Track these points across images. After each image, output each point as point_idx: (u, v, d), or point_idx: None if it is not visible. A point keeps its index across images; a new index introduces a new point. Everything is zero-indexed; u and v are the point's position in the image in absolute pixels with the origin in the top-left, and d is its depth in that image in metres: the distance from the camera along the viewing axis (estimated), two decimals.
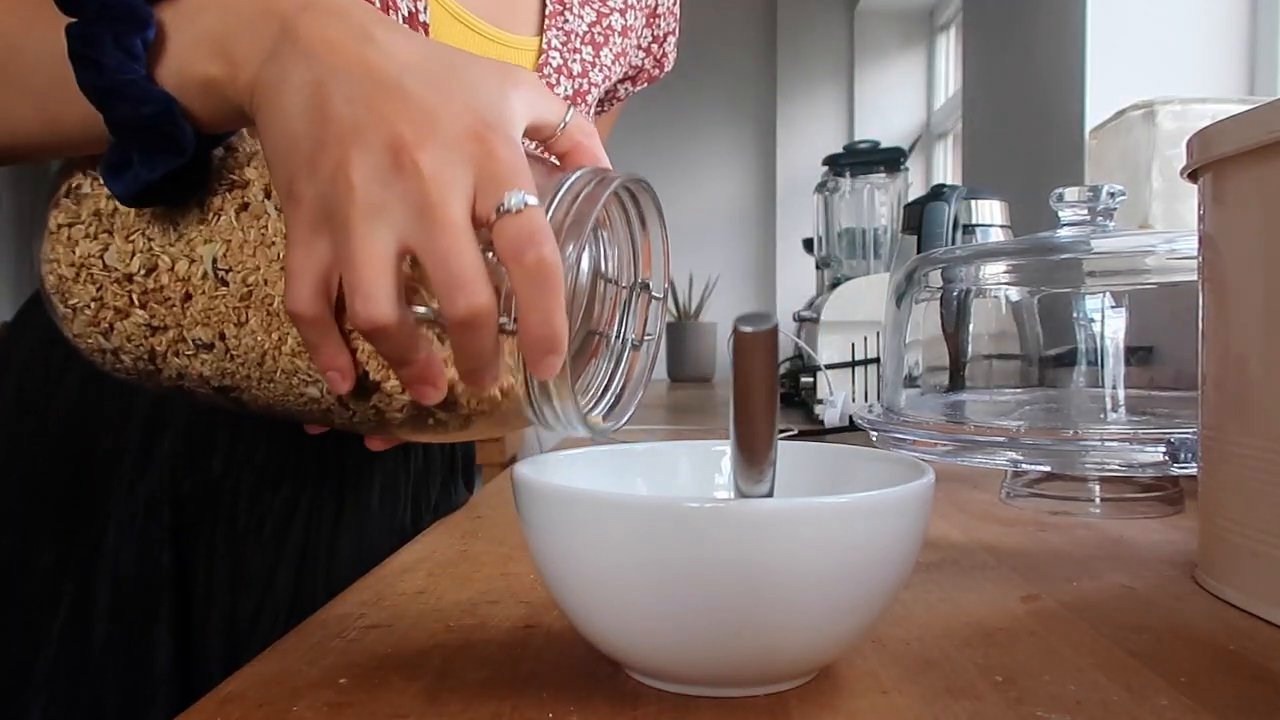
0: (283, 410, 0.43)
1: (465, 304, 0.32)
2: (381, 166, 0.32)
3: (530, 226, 0.31)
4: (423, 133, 0.32)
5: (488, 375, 0.34)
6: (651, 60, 0.76)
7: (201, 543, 0.56)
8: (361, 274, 0.32)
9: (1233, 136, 0.40)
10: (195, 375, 0.41)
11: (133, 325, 0.40)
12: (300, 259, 0.33)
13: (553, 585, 0.33)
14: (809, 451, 0.41)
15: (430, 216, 0.32)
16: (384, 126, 0.32)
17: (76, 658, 0.53)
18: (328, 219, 0.33)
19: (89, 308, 0.41)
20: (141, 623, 0.54)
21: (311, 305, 0.34)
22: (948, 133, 2.92)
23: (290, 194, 0.34)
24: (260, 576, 0.57)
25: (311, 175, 0.33)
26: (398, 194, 0.32)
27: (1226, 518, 0.42)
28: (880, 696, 0.32)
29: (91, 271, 0.40)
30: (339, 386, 0.36)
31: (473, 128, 0.33)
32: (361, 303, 0.32)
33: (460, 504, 0.71)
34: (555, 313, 0.32)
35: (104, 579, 0.54)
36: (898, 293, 0.78)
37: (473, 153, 0.32)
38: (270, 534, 0.58)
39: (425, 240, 0.32)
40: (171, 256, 0.39)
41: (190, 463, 0.56)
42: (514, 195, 0.32)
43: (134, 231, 0.40)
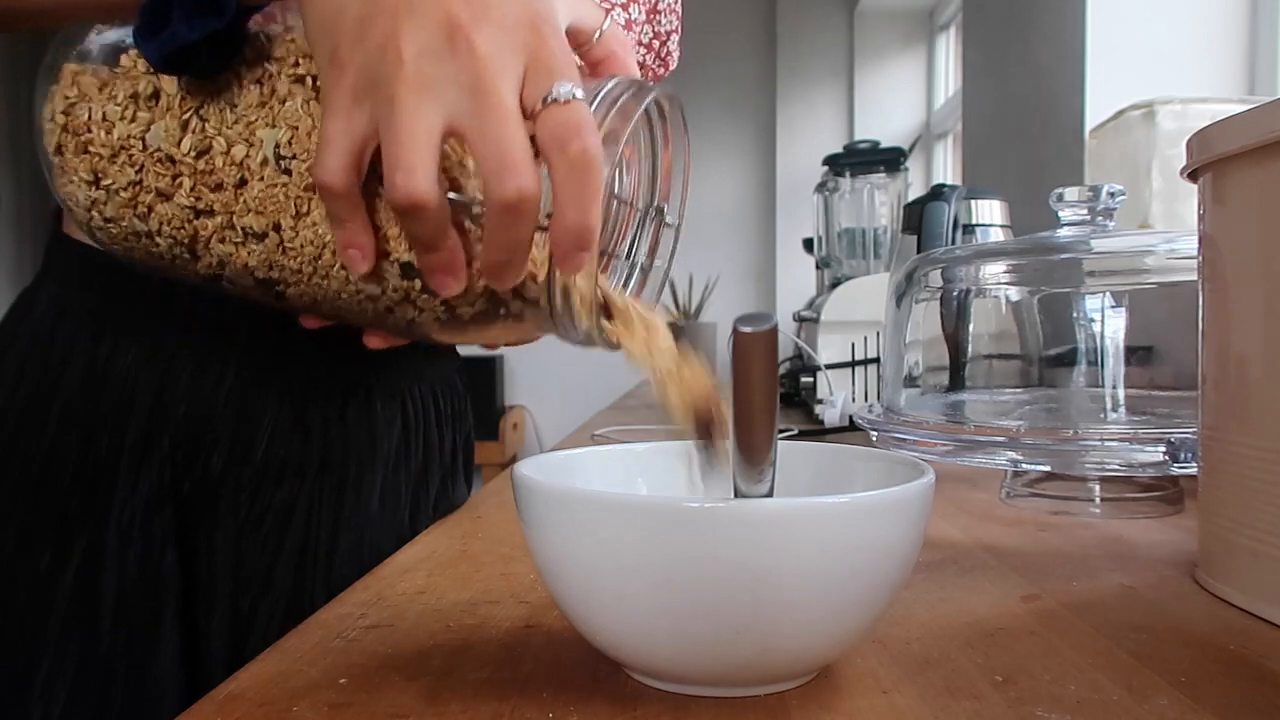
0: (329, 308, 0.41)
1: (515, 187, 0.31)
2: (434, 42, 0.31)
3: (576, 117, 0.31)
4: (478, 15, 0.31)
5: (515, 268, 0.33)
6: (654, 58, 0.76)
7: (203, 541, 0.56)
8: (405, 148, 0.31)
9: (1233, 136, 0.40)
10: (239, 265, 0.40)
11: (175, 208, 0.39)
12: (337, 127, 0.32)
13: (553, 585, 0.33)
14: (809, 451, 0.41)
15: (482, 98, 0.31)
16: (440, 4, 0.31)
17: (80, 660, 0.53)
18: (372, 90, 0.32)
19: (125, 190, 0.39)
20: (146, 623, 0.54)
21: (342, 176, 0.33)
22: (948, 133, 2.92)
23: (333, 60, 0.33)
24: (260, 575, 0.57)
25: (358, 43, 0.32)
26: (449, 72, 0.31)
27: (1226, 518, 0.42)
28: (880, 696, 0.32)
29: (131, 152, 0.39)
30: (358, 266, 0.35)
31: (527, 16, 0.32)
32: (403, 177, 0.31)
33: (460, 503, 0.71)
34: (593, 206, 0.31)
35: (108, 579, 0.54)
36: (898, 293, 0.78)
37: (526, 40, 0.32)
38: (270, 532, 0.58)
39: (476, 121, 0.31)
40: (228, 139, 0.38)
41: (190, 460, 0.55)
42: (563, 85, 0.31)
43: (187, 111, 0.38)
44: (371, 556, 0.53)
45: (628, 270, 0.41)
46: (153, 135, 0.39)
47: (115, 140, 0.39)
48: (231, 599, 0.56)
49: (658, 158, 0.40)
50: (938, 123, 3.02)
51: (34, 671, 0.52)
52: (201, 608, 0.56)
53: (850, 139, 2.99)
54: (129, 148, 0.39)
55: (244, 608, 0.57)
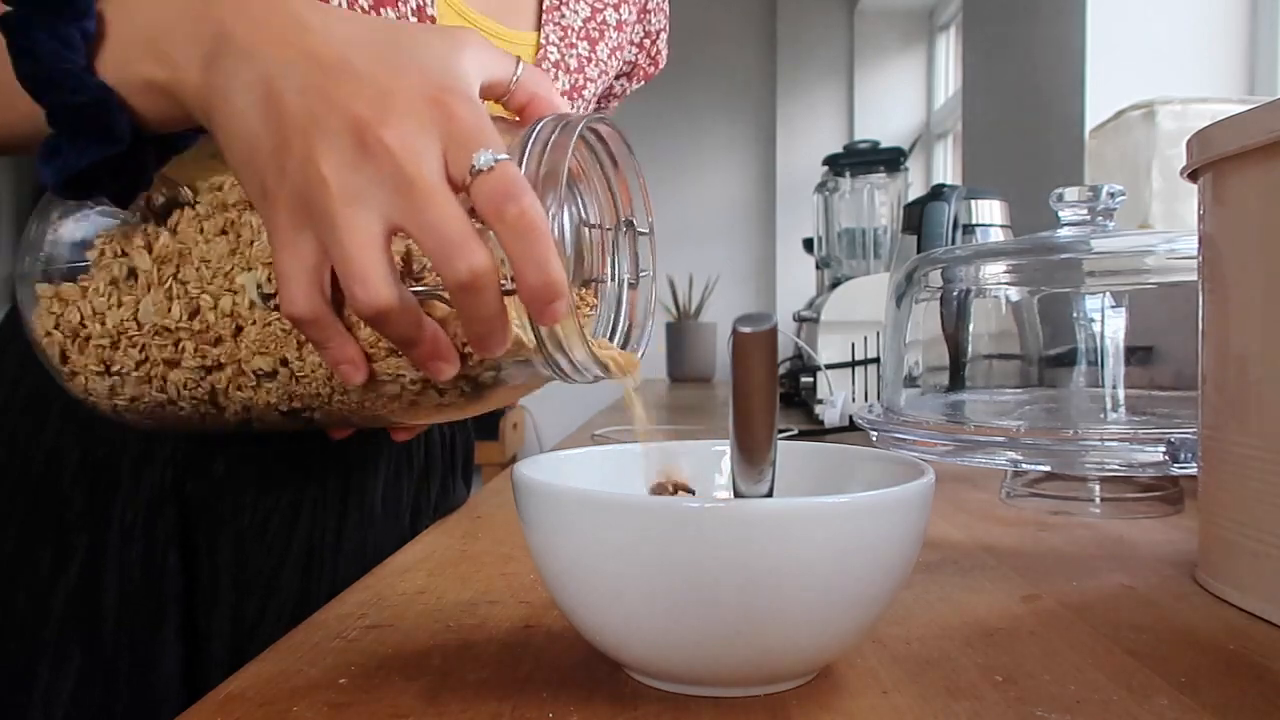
0: (360, 418, 0.42)
1: (465, 267, 0.31)
2: (348, 152, 0.32)
3: (505, 182, 0.31)
4: (381, 109, 0.32)
5: (497, 338, 0.34)
6: (646, 57, 0.76)
7: (206, 544, 0.56)
8: (354, 260, 0.32)
9: (1233, 136, 0.40)
10: (262, 405, 0.41)
11: (186, 372, 0.40)
12: (289, 259, 0.33)
13: (553, 585, 0.33)
14: (809, 451, 0.41)
15: (408, 189, 0.31)
16: (341, 111, 0.32)
17: (82, 662, 0.53)
18: (307, 214, 0.32)
19: (137, 370, 0.41)
20: (148, 625, 0.54)
21: (310, 305, 0.34)
22: (948, 133, 2.92)
23: (264, 196, 0.33)
24: (264, 577, 0.57)
25: (280, 173, 0.33)
26: (371, 176, 0.32)
27: (1226, 518, 0.42)
28: (880, 696, 0.32)
29: (129, 334, 0.40)
30: (353, 378, 0.36)
31: (429, 93, 0.33)
32: (361, 289, 0.32)
33: (460, 503, 0.71)
34: (549, 260, 0.32)
35: (110, 580, 0.54)
36: (898, 293, 0.78)
37: (434, 118, 0.32)
38: (274, 534, 0.58)
39: (411, 214, 0.32)
40: (212, 294, 0.39)
41: (192, 463, 0.55)
42: (483, 154, 0.32)
43: (165, 281, 0.40)
44: (375, 558, 0.53)
45: (618, 290, 0.42)
46: (143, 313, 0.40)
47: (112, 329, 0.41)
48: (234, 601, 0.56)
49: (611, 178, 0.40)
50: (938, 123, 3.02)
51: (35, 672, 0.52)
52: (203, 610, 0.56)
53: (850, 139, 2.99)
54: (125, 331, 0.40)
55: (248, 610, 0.57)
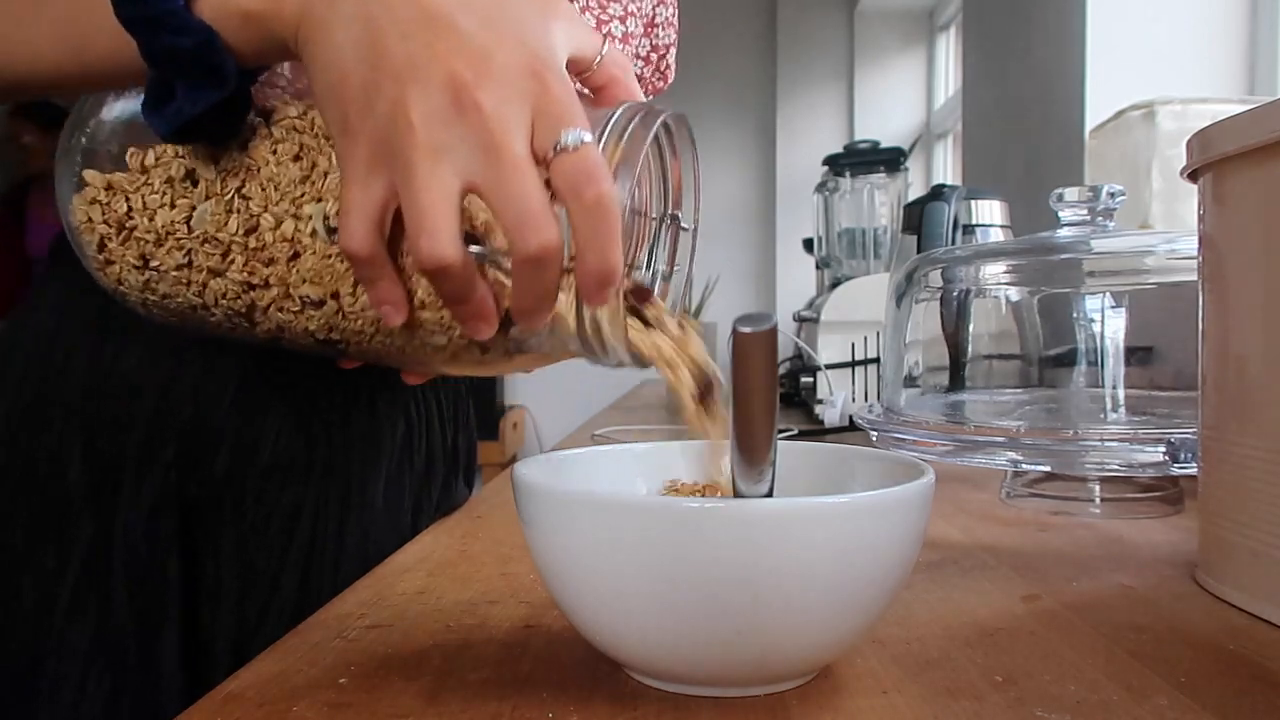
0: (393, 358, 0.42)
1: (537, 241, 0.32)
2: (442, 106, 0.32)
3: (589, 163, 0.32)
4: (480, 71, 0.32)
5: (544, 312, 0.34)
6: (654, 71, 0.76)
7: (208, 545, 0.56)
8: (426, 213, 0.32)
9: (1233, 136, 0.40)
10: (299, 329, 0.41)
11: (229, 283, 0.40)
12: (357, 195, 0.33)
13: (553, 585, 0.33)
14: (809, 451, 0.41)
15: (496, 155, 0.32)
16: (441, 65, 0.32)
17: (85, 662, 0.53)
18: (387, 157, 0.32)
19: (176, 270, 0.40)
20: (149, 626, 0.54)
21: (368, 243, 0.34)
22: (948, 133, 2.92)
23: (345, 129, 0.33)
24: (266, 577, 0.57)
25: (367, 112, 0.32)
26: (459, 134, 0.32)
27: (1226, 518, 0.42)
28: (880, 696, 0.32)
29: (177, 236, 0.39)
30: (392, 320, 0.36)
31: (528, 64, 0.33)
32: (427, 242, 0.32)
33: (460, 502, 0.71)
34: (613, 248, 0.32)
35: (115, 580, 0.54)
36: (898, 293, 0.78)
37: (530, 89, 0.32)
38: (276, 534, 0.58)
39: (492, 179, 0.32)
40: (275, 216, 0.38)
41: (195, 464, 0.55)
42: (571, 133, 0.32)
43: (229, 193, 0.39)
44: (377, 558, 0.53)
45: (650, 279, 0.42)
46: (197, 219, 0.39)
47: (159, 226, 0.40)
48: (237, 602, 0.56)
49: (667, 169, 0.41)
50: (938, 123, 3.02)
51: (43, 662, 0.52)
52: (206, 610, 0.56)
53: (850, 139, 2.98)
54: (174, 232, 0.40)
55: (251, 611, 0.57)
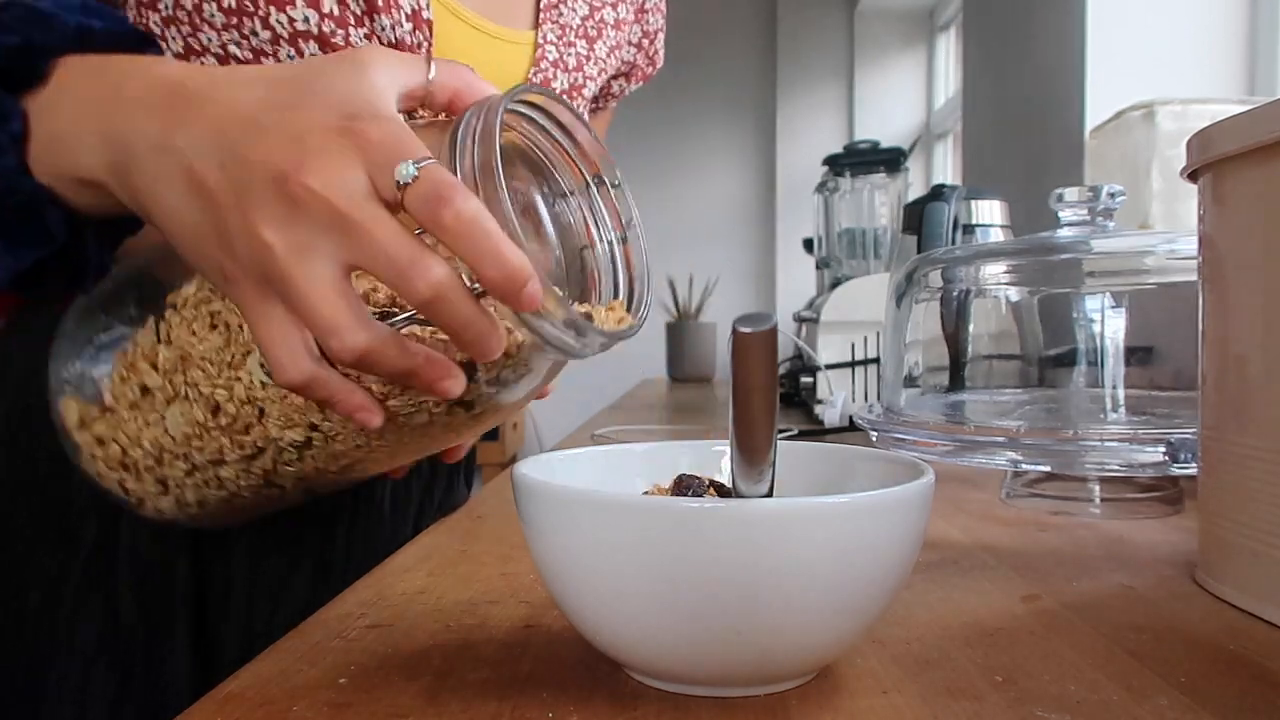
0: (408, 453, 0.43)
1: (423, 284, 0.31)
2: (280, 208, 0.32)
3: (431, 187, 0.31)
4: (296, 157, 0.32)
5: (489, 340, 0.34)
6: (644, 57, 0.76)
7: (218, 547, 0.56)
8: (320, 314, 0.32)
9: (1233, 136, 0.40)
10: (312, 472, 0.42)
11: (233, 468, 0.41)
12: (267, 330, 0.33)
13: (553, 585, 0.33)
14: (809, 451, 0.41)
15: (346, 226, 0.31)
16: (260, 170, 0.32)
17: (89, 664, 0.52)
18: (266, 281, 0.32)
19: (189, 477, 0.42)
20: (158, 633, 0.54)
21: (300, 370, 0.33)
22: (948, 133, 2.92)
23: (225, 279, 0.34)
24: (275, 583, 0.57)
25: (231, 253, 0.33)
26: (309, 225, 0.32)
27: (1226, 518, 0.42)
28: (880, 696, 0.32)
29: (168, 449, 0.41)
30: (372, 422, 0.36)
31: (338, 125, 0.32)
32: (335, 340, 0.32)
33: (460, 502, 0.72)
34: (502, 250, 0.31)
35: (120, 584, 0.53)
36: (898, 293, 0.78)
37: (349, 147, 0.32)
38: (286, 540, 0.58)
39: (356, 249, 0.32)
40: (224, 388, 0.39)
41: None
42: (402, 166, 0.31)
43: (179, 390, 0.40)
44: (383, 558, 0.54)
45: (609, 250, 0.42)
46: (172, 425, 0.41)
47: (150, 448, 0.41)
48: (246, 607, 0.56)
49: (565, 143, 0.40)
50: (938, 123, 3.02)
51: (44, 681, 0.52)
52: (215, 616, 0.56)
53: (850, 139, 2.99)
54: (164, 445, 0.41)
55: (259, 616, 0.56)
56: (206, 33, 0.50)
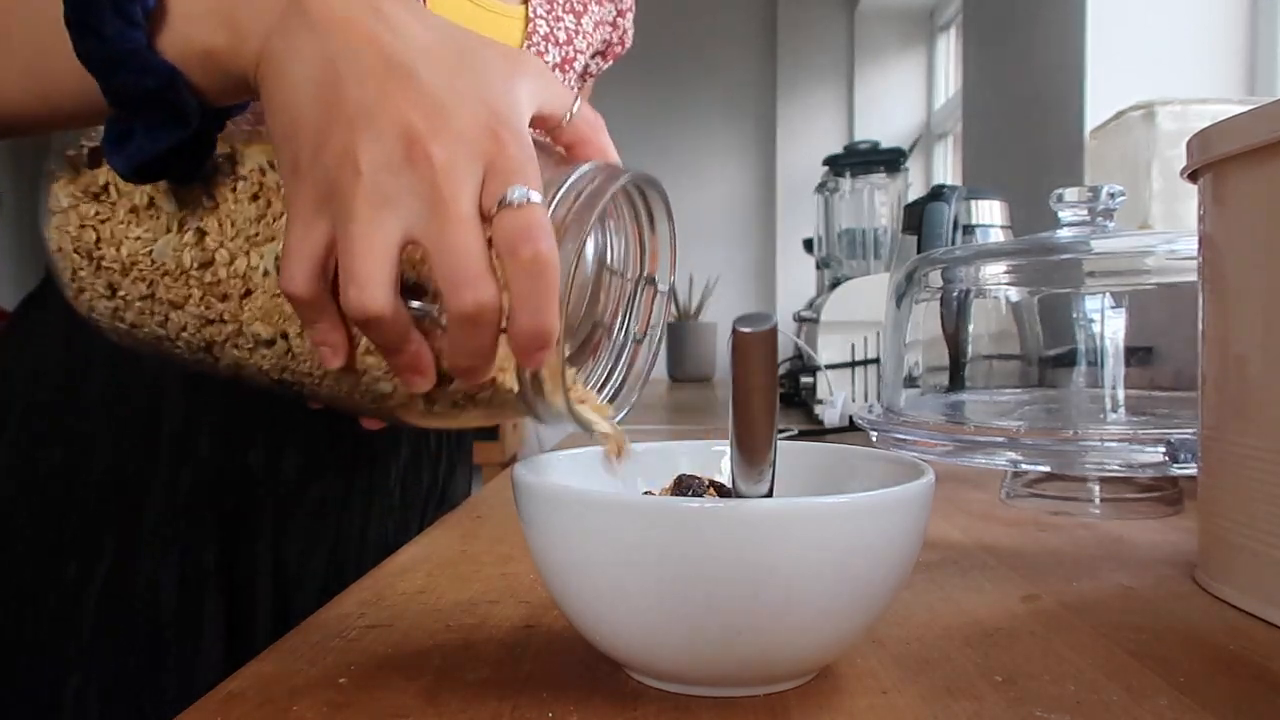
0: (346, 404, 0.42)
1: (473, 300, 0.31)
2: (392, 155, 0.31)
3: (529, 221, 0.31)
4: (436, 124, 0.32)
5: (480, 371, 0.34)
6: (617, 34, 0.77)
7: (244, 540, 0.56)
8: (359, 262, 0.31)
9: (1233, 137, 0.40)
10: (254, 369, 0.41)
11: (188, 316, 0.40)
12: (299, 238, 0.33)
13: (553, 585, 0.33)
14: (809, 451, 0.41)
15: (440, 210, 0.31)
16: (396, 114, 0.31)
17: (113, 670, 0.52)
18: (331, 200, 0.32)
19: (140, 300, 0.41)
20: (190, 623, 0.54)
21: (307, 286, 0.33)
22: (948, 133, 2.92)
23: (294, 170, 0.33)
24: (294, 572, 0.58)
25: (317, 154, 0.32)
26: (407, 185, 0.31)
27: (1226, 518, 0.42)
28: (880, 696, 0.32)
29: (140, 267, 0.40)
30: (330, 362, 0.36)
31: (485, 121, 0.32)
32: (355, 291, 0.32)
33: (459, 499, 0.72)
34: (548, 309, 0.31)
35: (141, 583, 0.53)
36: (898, 293, 0.78)
37: (484, 147, 0.32)
38: (308, 528, 0.58)
39: (434, 234, 0.31)
40: (230, 252, 0.38)
41: (229, 459, 0.56)
42: (516, 190, 0.31)
43: (187, 227, 0.39)
44: (396, 547, 0.54)
45: (623, 342, 0.42)
46: (158, 251, 0.40)
47: (125, 256, 0.40)
48: (273, 596, 0.57)
49: (644, 232, 0.40)
50: (938, 123, 3.02)
51: (64, 685, 0.52)
52: (244, 606, 0.56)
53: (850, 139, 2.99)
54: (138, 263, 0.40)
55: (284, 604, 0.57)
56: None
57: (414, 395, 0.39)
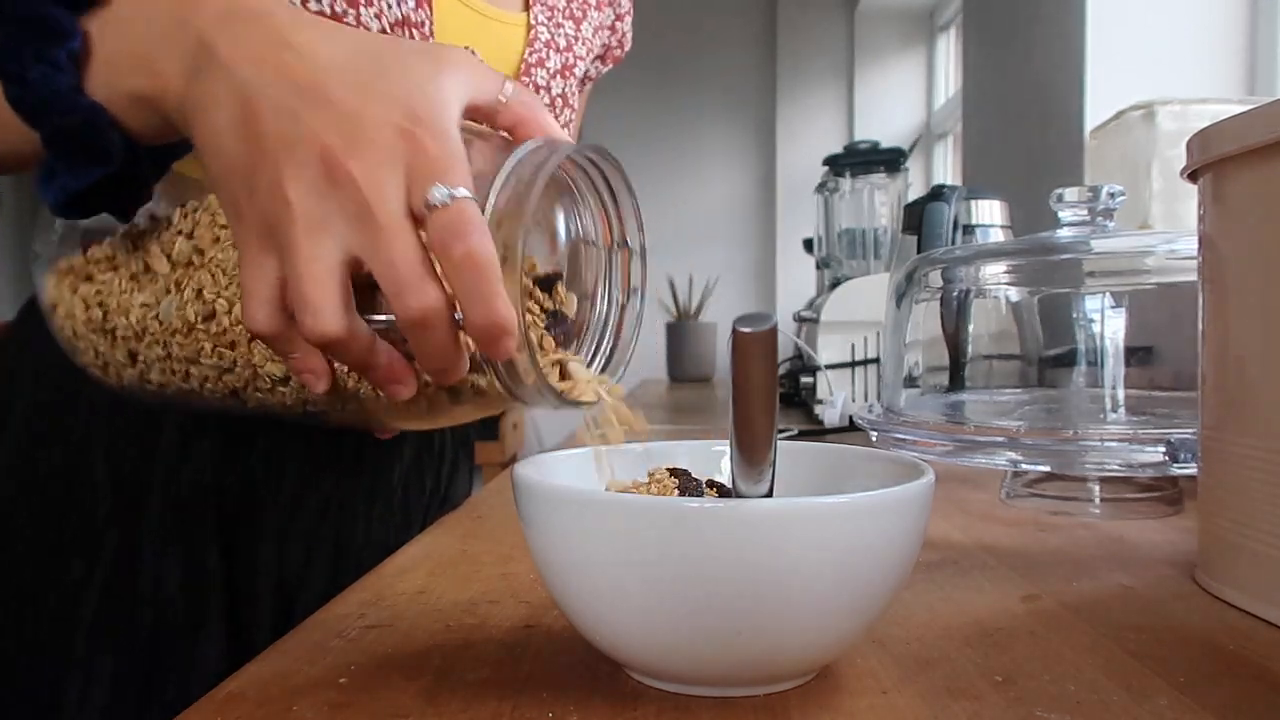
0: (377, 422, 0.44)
1: (417, 304, 0.32)
2: (316, 180, 0.32)
3: (457, 219, 0.31)
4: (350, 140, 0.32)
5: (452, 371, 0.34)
6: (615, 38, 0.77)
7: (245, 541, 0.56)
8: (306, 290, 0.32)
9: (1233, 137, 0.40)
10: (278, 406, 0.42)
11: (206, 369, 0.41)
12: (252, 278, 0.33)
13: (553, 585, 0.33)
14: (809, 451, 0.41)
15: (370, 223, 0.32)
16: (312, 139, 0.32)
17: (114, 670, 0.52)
18: (273, 235, 0.33)
19: (160, 362, 0.42)
20: (191, 624, 0.54)
21: (270, 322, 0.34)
22: (948, 133, 2.92)
23: (236, 212, 0.34)
24: (296, 573, 0.58)
25: (251, 193, 0.33)
26: (335, 206, 0.32)
27: (1226, 518, 0.42)
28: (880, 696, 0.32)
29: (151, 330, 0.41)
30: (316, 387, 0.36)
31: (400, 125, 0.32)
32: (310, 319, 0.32)
33: (460, 500, 0.72)
34: (495, 299, 0.31)
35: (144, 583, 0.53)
36: (898, 293, 0.78)
37: (402, 150, 0.32)
38: (306, 530, 0.58)
39: (368, 247, 0.32)
40: (228, 300, 0.39)
41: (231, 459, 0.56)
42: (438, 190, 0.31)
43: (184, 284, 0.40)
44: (397, 546, 0.54)
45: (607, 310, 0.42)
46: (164, 312, 0.41)
47: (135, 322, 0.41)
48: (274, 597, 0.57)
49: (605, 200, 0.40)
50: (938, 123, 3.02)
51: (65, 686, 0.52)
52: (245, 607, 0.56)
53: (850, 139, 2.99)
54: (148, 327, 0.41)
55: (286, 606, 0.57)
56: None
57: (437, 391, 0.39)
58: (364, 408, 0.41)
